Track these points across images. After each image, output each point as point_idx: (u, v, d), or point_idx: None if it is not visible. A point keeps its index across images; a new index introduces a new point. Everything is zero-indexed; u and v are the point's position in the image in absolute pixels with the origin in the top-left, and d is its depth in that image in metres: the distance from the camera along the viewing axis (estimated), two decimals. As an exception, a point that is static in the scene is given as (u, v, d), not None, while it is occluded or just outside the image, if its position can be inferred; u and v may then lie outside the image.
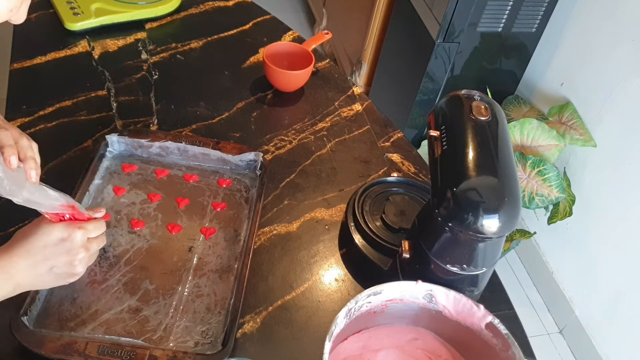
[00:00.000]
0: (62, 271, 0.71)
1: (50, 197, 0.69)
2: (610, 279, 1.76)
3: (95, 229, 0.74)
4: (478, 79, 1.94)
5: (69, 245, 0.70)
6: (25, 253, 0.68)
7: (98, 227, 0.75)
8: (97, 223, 0.75)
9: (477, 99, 0.77)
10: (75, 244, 0.71)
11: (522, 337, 0.84)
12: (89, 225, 0.73)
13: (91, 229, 0.73)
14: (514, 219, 0.69)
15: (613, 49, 1.68)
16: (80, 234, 0.71)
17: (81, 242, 0.71)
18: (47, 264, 0.69)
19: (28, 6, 0.58)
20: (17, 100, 1.08)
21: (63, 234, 0.70)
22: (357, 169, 1.09)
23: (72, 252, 0.70)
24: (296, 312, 0.85)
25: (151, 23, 1.33)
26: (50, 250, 0.69)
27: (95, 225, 0.74)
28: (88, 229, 0.73)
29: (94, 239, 0.75)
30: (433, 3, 1.78)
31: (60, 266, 0.70)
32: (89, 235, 0.73)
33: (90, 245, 0.73)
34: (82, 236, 0.72)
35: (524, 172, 1.68)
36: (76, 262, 0.71)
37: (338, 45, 2.68)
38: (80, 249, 0.71)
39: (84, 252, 0.72)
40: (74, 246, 0.70)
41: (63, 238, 0.70)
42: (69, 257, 0.70)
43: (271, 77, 1.20)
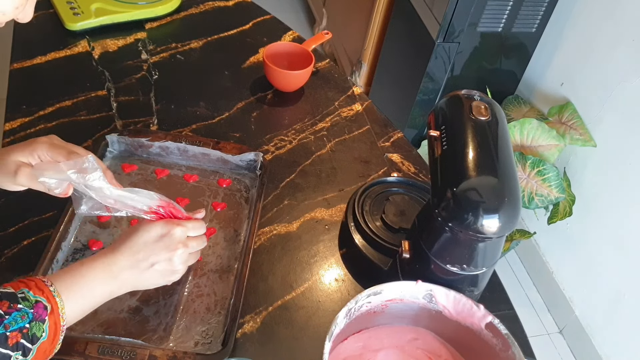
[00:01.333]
0: (162, 268, 0.71)
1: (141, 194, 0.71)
2: (610, 279, 1.76)
3: (195, 228, 0.75)
4: (478, 79, 1.94)
5: (168, 240, 0.71)
6: (127, 250, 0.70)
7: (197, 227, 0.76)
8: (196, 222, 0.76)
9: (477, 99, 0.77)
10: (174, 240, 0.71)
11: (522, 337, 0.84)
12: (188, 223, 0.74)
13: (190, 227, 0.74)
14: (514, 219, 0.69)
15: (613, 49, 1.68)
16: (180, 230, 0.72)
17: (180, 238, 0.72)
18: (148, 260, 0.70)
19: (34, 5, 0.58)
20: (17, 100, 1.08)
21: (162, 230, 0.71)
22: (357, 169, 1.09)
23: (171, 247, 0.71)
24: (296, 312, 0.85)
25: (151, 23, 1.33)
26: (151, 247, 0.70)
27: (195, 225, 0.75)
28: (187, 227, 0.74)
29: (194, 238, 0.75)
30: (433, 3, 1.78)
31: (160, 262, 0.71)
32: (188, 233, 0.74)
33: (190, 243, 0.74)
34: (181, 232, 0.72)
35: (524, 172, 1.68)
36: (175, 259, 0.72)
37: (338, 45, 2.68)
38: (179, 244, 0.72)
39: (183, 248, 0.72)
40: (172, 241, 0.71)
41: (162, 234, 0.71)
42: (168, 253, 0.71)
43: (271, 77, 1.20)
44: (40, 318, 0.61)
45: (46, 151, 0.71)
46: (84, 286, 0.66)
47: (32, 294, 0.61)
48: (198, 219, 0.78)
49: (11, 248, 0.84)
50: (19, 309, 0.59)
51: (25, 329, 0.59)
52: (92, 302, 0.68)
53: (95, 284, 0.67)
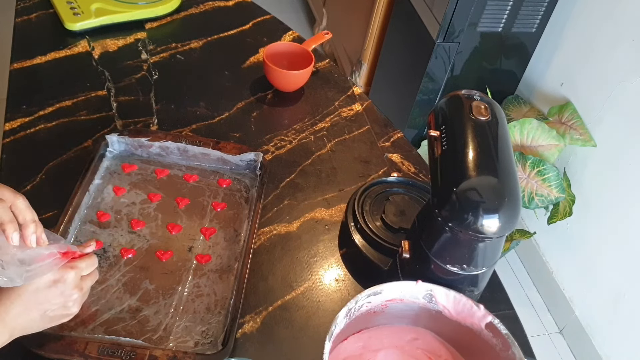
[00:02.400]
0: (55, 314, 0.68)
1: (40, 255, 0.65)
2: (610, 279, 1.76)
3: (88, 266, 0.70)
4: (478, 79, 1.94)
5: (62, 287, 0.66)
6: (18, 299, 0.64)
7: (90, 264, 0.71)
8: (89, 260, 0.71)
9: (477, 99, 0.77)
10: (69, 285, 0.67)
11: (522, 337, 0.84)
12: (81, 263, 0.69)
13: (84, 267, 0.69)
14: (514, 219, 0.69)
15: (613, 49, 1.68)
16: (73, 275, 0.67)
17: (74, 283, 0.68)
18: (40, 308, 0.66)
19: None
20: (17, 100, 1.08)
21: (55, 276, 0.66)
22: (357, 169, 1.09)
23: (66, 294, 0.67)
24: (296, 312, 0.85)
25: (151, 23, 1.33)
26: (43, 294, 0.65)
27: (88, 263, 0.70)
28: (80, 268, 0.69)
29: (87, 277, 0.71)
30: (433, 3, 1.78)
31: (54, 309, 0.67)
32: (82, 273, 0.69)
33: (84, 284, 0.70)
34: (75, 276, 0.68)
35: (524, 172, 1.68)
36: (70, 303, 0.68)
37: (338, 45, 2.68)
38: (74, 289, 0.68)
39: (78, 292, 0.68)
40: (67, 287, 0.67)
41: (55, 280, 0.66)
42: (63, 299, 0.67)
43: (271, 77, 1.20)
44: None
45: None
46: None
47: None
48: (89, 253, 0.72)
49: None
50: None
51: None
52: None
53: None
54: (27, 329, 0.67)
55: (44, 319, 0.67)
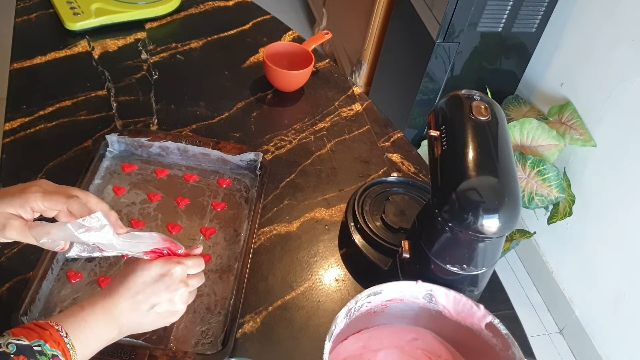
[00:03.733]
0: (163, 309, 0.68)
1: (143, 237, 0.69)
2: (610, 279, 1.76)
3: (194, 266, 0.71)
4: (478, 79, 1.94)
5: (169, 280, 0.67)
6: (126, 292, 0.66)
7: (197, 264, 0.72)
8: (195, 260, 0.72)
9: (477, 99, 0.77)
10: (175, 279, 0.68)
11: (522, 337, 0.84)
12: (187, 261, 0.70)
13: (190, 264, 0.71)
14: (514, 219, 0.69)
15: (613, 49, 1.68)
16: (180, 269, 0.68)
17: (180, 277, 0.69)
18: (148, 302, 0.66)
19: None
20: (17, 100, 1.08)
21: (162, 269, 0.68)
22: (357, 169, 1.09)
23: (172, 288, 0.68)
24: (296, 312, 0.85)
25: (151, 23, 1.33)
26: (150, 288, 0.66)
27: (194, 262, 0.72)
28: (187, 265, 0.70)
29: (194, 276, 0.72)
30: (433, 3, 1.78)
31: (161, 303, 0.67)
32: (188, 271, 0.70)
33: (191, 281, 0.70)
34: (182, 271, 0.69)
35: (524, 172, 1.68)
36: (176, 299, 0.68)
37: (338, 45, 2.68)
38: (180, 284, 0.68)
39: (184, 287, 0.69)
40: (173, 281, 0.68)
41: (162, 274, 0.67)
42: (169, 294, 0.67)
43: (271, 77, 1.20)
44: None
45: (40, 202, 0.66)
46: (89, 333, 0.63)
47: (49, 347, 0.58)
48: (197, 255, 0.74)
49: (11, 248, 0.84)
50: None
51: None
52: (95, 349, 0.64)
53: (99, 330, 0.64)
54: (135, 325, 0.67)
55: (152, 315, 0.67)
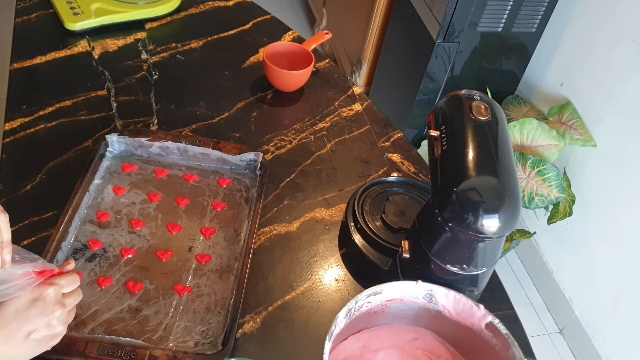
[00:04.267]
0: (41, 335, 0.64)
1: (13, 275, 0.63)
2: (610, 279, 1.76)
3: (69, 284, 0.67)
4: (478, 79, 1.94)
5: (42, 305, 0.63)
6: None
7: (71, 281, 0.68)
8: (69, 277, 0.68)
9: (477, 99, 0.77)
10: (49, 302, 0.64)
11: (522, 337, 0.84)
12: (60, 280, 0.66)
13: (64, 283, 0.66)
14: (514, 219, 0.69)
15: (613, 49, 1.68)
16: (52, 291, 0.64)
17: (55, 299, 0.65)
18: (23, 330, 0.62)
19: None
20: (17, 100, 1.08)
21: (34, 294, 0.63)
22: (357, 169, 1.09)
23: (48, 311, 0.63)
24: (296, 312, 0.85)
25: (151, 23, 1.33)
26: (23, 315, 0.62)
27: (68, 280, 0.67)
28: (60, 284, 0.66)
29: (70, 294, 0.68)
30: (433, 3, 1.78)
31: (38, 329, 0.63)
32: (62, 290, 0.66)
33: (67, 301, 0.66)
34: (55, 292, 0.65)
35: (524, 172, 1.68)
36: (54, 322, 0.64)
37: (338, 45, 2.68)
38: (56, 305, 0.64)
39: (61, 308, 0.65)
40: (47, 304, 0.63)
41: (35, 298, 0.63)
42: (46, 318, 0.63)
43: (271, 77, 1.20)
44: None
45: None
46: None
47: None
48: (70, 271, 0.69)
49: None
50: None
51: None
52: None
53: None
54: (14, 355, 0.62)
55: (31, 343, 0.63)
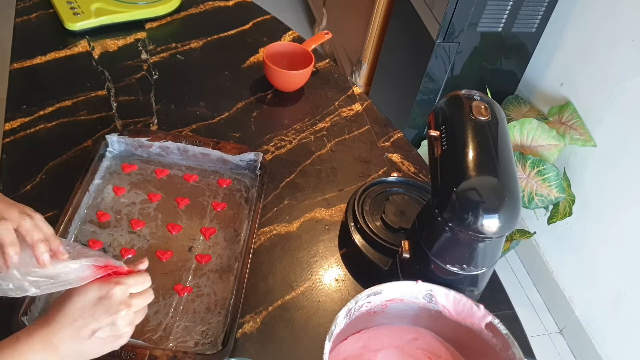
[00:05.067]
0: (106, 334, 0.63)
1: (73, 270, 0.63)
2: (610, 279, 1.76)
3: (137, 284, 0.66)
4: (478, 79, 1.94)
5: (107, 303, 0.63)
6: (64, 319, 0.61)
7: (140, 282, 0.67)
8: (139, 277, 0.67)
9: (477, 99, 0.77)
10: (114, 301, 0.63)
11: (522, 337, 0.84)
12: (129, 280, 0.65)
13: (132, 283, 0.65)
14: (514, 219, 0.69)
15: (613, 49, 1.68)
16: (119, 290, 0.64)
17: (121, 299, 0.64)
18: (89, 327, 0.62)
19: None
20: (17, 100, 1.08)
21: (100, 292, 0.63)
22: (357, 169, 1.09)
23: (112, 310, 0.63)
24: (296, 312, 0.85)
25: (151, 23, 1.33)
26: (89, 312, 0.62)
27: (137, 280, 0.66)
28: (128, 284, 0.65)
29: (138, 295, 0.66)
30: (433, 3, 1.78)
31: (103, 328, 0.63)
32: (129, 290, 0.65)
33: (134, 301, 0.65)
34: (121, 292, 0.64)
35: (524, 172, 1.68)
36: (119, 322, 0.63)
37: (338, 45, 2.68)
38: (121, 305, 0.63)
39: (126, 309, 0.64)
40: (112, 304, 0.63)
41: (100, 297, 0.63)
42: (110, 317, 0.63)
43: (271, 77, 1.20)
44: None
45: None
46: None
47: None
48: (141, 270, 0.69)
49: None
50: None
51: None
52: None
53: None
54: (78, 354, 0.63)
55: (95, 341, 0.63)
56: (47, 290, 0.62)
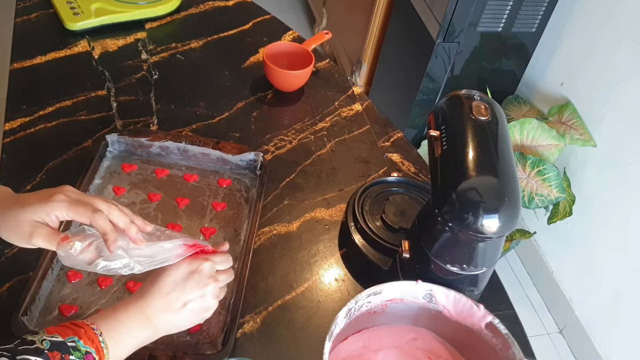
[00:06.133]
0: (196, 306, 0.69)
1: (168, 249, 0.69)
2: (610, 279, 1.76)
3: (223, 262, 0.73)
4: (478, 79, 1.94)
5: (198, 277, 0.69)
6: (158, 292, 0.67)
7: (224, 260, 0.73)
8: (223, 256, 0.73)
9: (477, 99, 0.77)
10: (204, 275, 0.69)
11: (522, 337, 0.84)
12: (215, 257, 0.72)
13: (218, 260, 0.72)
14: (514, 219, 0.69)
15: (613, 49, 1.68)
16: (208, 265, 0.70)
17: (209, 273, 0.70)
18: (180, 300, 0.68)
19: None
20: (17, 100, 1.08)
21: (191, 267, 0.69)
22: (357, 169, 1.09)
23: (202, 284, 0.69)
24: (296, 312, 0.85)
25: (151, 23, 1.33)
26: (181, 286, 0.68)
27: (222, 258, 0.73)
28: (215, 261, 0.71)
29: (223, 272, 0.73)
30: (433, 3, 1.78)
31: (193, 300, 0.68)
32: (216, 267, 0.72)
33: (220, 277, 0.72)
34: (210, 267, 0.70)
35: (524, 172, 1.68)
36: (207, 294, 0.70)
37: (338, 45, 2.68)
38: (210, 279, 0.70)
39: (214, 282, 0.70)
40: (202, 277, 0.69)
41: (191, 271, 0.69)
42: (200, 290, 0.69)
43: (271, 77, 1.20)
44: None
45: (65, 212, 0.66)
46: (124, 333, 0.64)
47: (83, 344, 0.60)
48: (224, 251, 0.75)
49: (11, 248, 0.84)
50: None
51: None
52: (129, 350, 0.65)
53: (133, 330, 0.65)
54: (170, 324, 0.68)
55: (185, 313, 0.68)
56: (149, 267, 0.67)
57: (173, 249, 0.69)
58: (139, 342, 0.66)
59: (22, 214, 0.65)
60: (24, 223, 0.65)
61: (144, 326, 0.66)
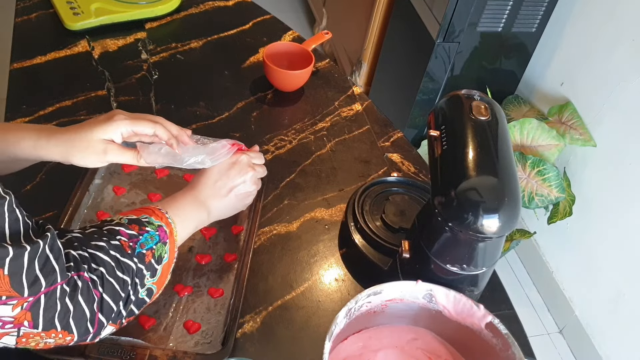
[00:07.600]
0: (240, 192, 0.82)
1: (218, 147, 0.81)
2: (610, 279, 1.76)
3: (257, 156, 0.86)
4: (478, 79, 1.94)
5: (239, 166, 0.82)
6: (206, 181, 0.79)
7: (258, 156, 0.86)
8: (256, 153, 0.87)
9: (477, 98, 0.77)
10: (244, 165, 0.82)
11: (522, 337, 0.84)
12: (250, 152, 0.85)
13: (253, 155, 0.85)
14: (514, 218, 0.69)
15: (613, 49, 1.68)
16: (245, 157, 0.83)
17: (248, 163, 0.83)
18: (226, 187, 0.80)
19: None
20: (17, 100, 1.08)
21: (232, 159, 0.82)
22: (357, 169, 1.09)
23: (243, 172, 0.82)
24: (296, 312, 0.85)
25: (151, 23, 1.33)
26: (225, 175, 0.80)
27: (256, 154, 0.86)
28: (250, 155, 0.85)
29: (257, 165, 0.85)
30: (433, 3, 1.78)
31: (237, 186, 0.81)
32: (252, 160, 0.84)
33: (256, 167, 0.85)
34: (247, 158, 0.83)
35: (524, 172, 1.68)
36: (248, 180, 0.82)
37: (338, 45, 2.68)
38: (249, 168, 0.83)
39: (252, 171, 0.83)
40: (242, 166, 0.82)
41: (232, 162, 0.82)
42: (242, 177, 0.82)
43: (271, 77, 1.20)
44: (163, 240, 0.68)
45: (129, 126, 0.74)
46: (184, 213, 0.75)
47: (154, 219, 0.69)
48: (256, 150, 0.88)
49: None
50: (147, 231, 0.67)
51: (153, 249, 0.67)
52: (190, 229, 0.76)
53: (192, 212, 0.76)
54: (220, 208, 0.81)
55: (232, 198, 0.82)
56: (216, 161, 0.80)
57: (221, 147, 0.81)
58: (196, 224, 0.77)
59: (91, 135, 0.72)
60: (96, 143, 0.72)
61: (199, 210, 0.77)
